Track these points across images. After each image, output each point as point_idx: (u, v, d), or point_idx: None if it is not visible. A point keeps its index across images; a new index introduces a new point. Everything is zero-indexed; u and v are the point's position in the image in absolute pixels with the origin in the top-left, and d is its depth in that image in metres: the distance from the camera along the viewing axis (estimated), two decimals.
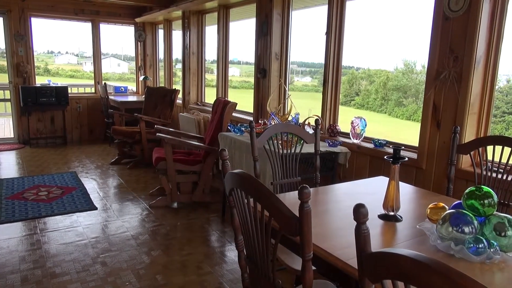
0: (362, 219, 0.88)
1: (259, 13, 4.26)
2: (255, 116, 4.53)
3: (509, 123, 5.78)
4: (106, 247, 3.12)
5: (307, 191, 1.07)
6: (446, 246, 1.37)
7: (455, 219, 1.37)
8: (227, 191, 1.40)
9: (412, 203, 1.99)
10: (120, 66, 15.31)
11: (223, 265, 2.91)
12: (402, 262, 0.77)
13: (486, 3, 2.37)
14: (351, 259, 1.29)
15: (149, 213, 3.85)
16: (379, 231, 1.60)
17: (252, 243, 1.37)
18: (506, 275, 1.26)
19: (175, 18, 6.48)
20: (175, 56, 6.97)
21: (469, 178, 2.45)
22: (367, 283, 0.90)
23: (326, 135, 3.59)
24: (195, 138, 4.63)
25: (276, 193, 2.35)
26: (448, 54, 2.54)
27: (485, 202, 1.39)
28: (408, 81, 7.66)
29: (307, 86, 9.11)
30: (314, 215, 1.70)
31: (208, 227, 3.59)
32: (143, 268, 2.82)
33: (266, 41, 4.21)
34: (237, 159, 3.49)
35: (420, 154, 2.78)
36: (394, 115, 7.89)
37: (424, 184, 2.74)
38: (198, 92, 6.08)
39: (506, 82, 5.99)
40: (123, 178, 5.02)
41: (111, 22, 7.30)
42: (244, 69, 11.38)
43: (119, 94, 7.56)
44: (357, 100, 8.44)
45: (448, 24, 2.53)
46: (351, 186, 2.25)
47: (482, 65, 2.46)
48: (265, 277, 1.36)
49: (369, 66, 8.35)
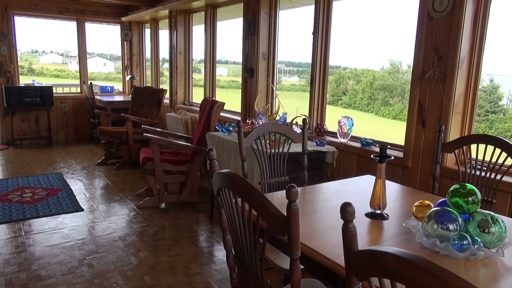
0: (349, 217, 0.89)
1: (246, 13, 4.26)
2: (243, 115, 4.53)
3: (493, 122, 5.89)
4: (93, 248, 3.08)
5: (294, 190, 1.08)
6: (431, 243, 1.39)
7: (440, 217, 1.39)
8: (215, 191, 1.40)
9: (398, 201, 2.02)
10: (106, 65, 15.13)
11: (212, 265, 2.90)
12: (388, 260, 0.77)
13: (469, 4, 2.41)
14: (339, 257, 1.30)
15: (137, 214, 3.82)
16: (366, 230, 1.62)
17: (240, 243, 1.37)
18: (490, 271, 1.28)
19: (162, 17, 6.44)
20: (162, 55, 6.93)
21: (454, 176, 2.49)
22: (354, 281, 0.91)
23: (314, 135, 3.61)
24: (183, 138, 4.60)
25: (264, 192, 2.36)
26: (432, 54, 2.58)
27: (469, 200, 1.42)
28: (394, 80, 7.74)
29: (295, 85, 9.14)
30: (302, 214, 1.71)
31: (197, 227, 3.58)
32: (131, 269, 2.80)
33: (254, 41, 4.21)
34: (225, 158, 3.48)
35: (406, 153, 2.81)
36: (381, 114, 7.97)
37: (410, 182, 2.77)
38: (186, 91, 6.05)
39: (490, 82, 6.10)
40: (110, 178, 4.97)
41: (96, 21, 7.21)
42: (232, 68, 11.36)
43: (105, 94, 7.48)
44: (344, 99, 8.50)
45: (432, 24, 2.57)
46: (339, 185, 2.27)
47: (465, 65, 2.51)
48: (253, 277, 1.36)
49: (356, 66, 8.42)
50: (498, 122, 5.92)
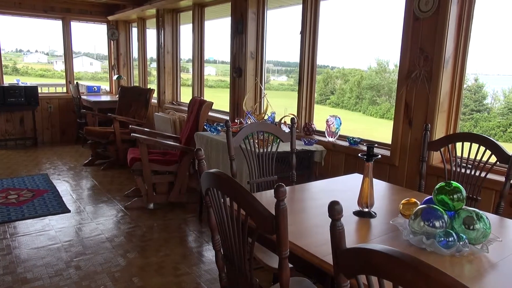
0: (336, 216, 0.90)
1: (234, 12, 4.26)
2: (231, 115, 4.53)
3: (477, 121, 6.00)
4: (80, 250, 3.05)
5: (282, 190, 1.08)
6: (418, 240, 1.41)
7: (426, 214, 1.41)
8: (203, 190, 1.39)
9: (385, 199, 2.04)
10: (93, 65, 14.95)
11: (201, 265, 2.89)
12: (376, 257, 0.78)
13: (454, 4, 2.45)
14: (327, 255, 1.31)
15: (125, 215, 3.79)
16: (354, 228, 1.63)
17: (229, 243, 1.37)
18: (475, 267, 1.31)
19: (149, 16, 6.38)
20: (150, 55, 6.88)
21: (440, 174, 2.53)
22: (342, 278, 0.91)
23: (302, 134, 3.62)
24: (171, 138, 4.58)
25: (253, 192, 2.36)
26: (418, 54, 2.61)
27: (454, 197, 1.44)
28: (381, 80, 7.82)
29: (283, 85, 9.17)
30: (291, 213, 1.72)
31: (185, 227, 3.56)
32: (119, 270, 2.77)
33: (242, 40, 4.21)
34: (213, 158, 3.47)
35: (393, 151, 2.84)
36: (368, 113, 8.04)
37: (397, 180, 2.80)
38: (174, 91, 6.01)
39: (474, 81, 6.20)
40: (97, 179, 4.91)
41: (82, 20, 7.12)
42: (220, 68, 11.33)
43: (92, 93, 7.39)
44: (332, 98, 8.56)
45: (418, 24, 2.60)
46: (327, 183, 2.28)
47: (451, 64, 2.54)
48: (242, 276, 1.36)
49: (343, 65, 8.48)
50: (482, 120, 6.02)
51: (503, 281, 1.22)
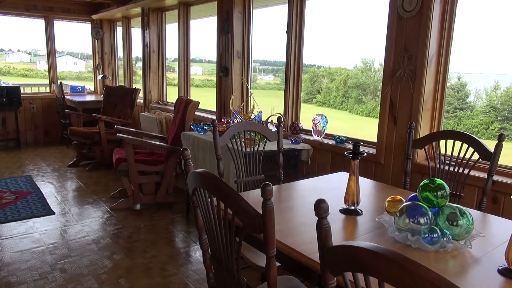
0: (323, 214, 0.90)
1: (220, 11, 4.24)
2: (218, 114, 4.51)
3: (461, 118, 6.10)
4: (65, 253, 3.00)
5: (269, 189, 1.08)
6: (403, 237, 1.43)
7: (411, 211, 1.43)
8: (190, 190, 1.39)
9: (371, 197, 2.06)
10: (77, 64, 14.72)
11: (188, 265, 2.88)
12: (361, 254, 0.79)
13: (437, 4, 2.48)
14: (314, 253, 1.31)
15: (111, 216, 3.74)
16: (340, 225, 1.64)
17: (216, 242, 1.36)
18: (459, 262, 1.33)
19: (134, 15, 6.32)
20: (135, 54, 6.81)
21: (424, 171, 2.56)
22: (329, 276, 0.92)
23: (289, 133, 3.63)
24: (157, 138, 4.54)
25: (240, 191, 2.36)
26: (403, 53, 2.64)
27: (438, 194, 1.46)
28: (367, 79, 7.90)
29: (270, 84, 9.18)
30: (278, 212, 1.72)
31: (173, 228, 3.54)
32: (105, 272, 2.74)
33: (228, 40, 4.20)
34: (200, 158, 3.46)
35: (378, 150, 2.87)
36: (355, 112, 8.12)
37: (383, 178, 2.84)
38: (160, 91, 5.97)
39: (457, 80, 6.30)
40: (82, 180, 4.85)
41: (66, 19, 7.01)
42: (207, 67, 11.28)
43: (76, 93, 7.28)
44: (318, 97, 8.61)
45: (402, 24, 2.63)
46: (314, 182, 2.30)
47: (434, 63, 2.58)
48: (230, 276, 1.36)
49: (329, 64, 8.53)
50: (466, 118, 6.13)
51: (486, 276, 1.24)
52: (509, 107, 5.71)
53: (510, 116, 5.71)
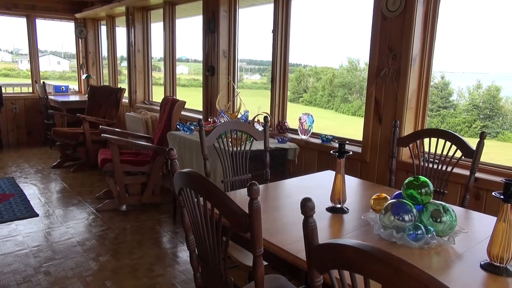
0: (309, 212, 0.91)
1: (206, 10, 4.23)
2: (204, 114, 4.50)
3: (444, 117, 6.20)
4: (50, 255, 2.95)
5: (255, 188, 1.08)
6: (388, 234, 1.45)
7: (396, 208, 1.45)
8: (176, 190, 1.38)
9: (357, 195, 2.08)
10: (61, 64, 14.47)
11: (176, 266, 2.86)
12: (347, 252, 0.80)
13: (420, 4, 2.52)
14: (301, 252, 1.32)
15: (96, 218, 3.70)
16: (327, 224, 1.65)
17: (203, 242, 1.36)
18: (442, 258, 1.35)
19: (118, 14, 6.24)
20: (120, 53, 6.73)
21: (409, 169, 2.60)
22: (315, 274, 0.93)
23: (276, 132, 3.64)
24: (143, 138, 4.50)
25: (227, 191, 2.35)
26: (387, 52, 2.67)
27: (422, 191, 1.48)
28: (353, 78, 7.96)
29: (257, 83, 9.18)
30: (265, 211, 1.73)
31: (159, 228, 3.52)
32: (91, 274, 2.71)
33: (214, 39, 4.19)
34: (187, 158, 3.44)
35: (364, 148, 2.90)
36: (341, 111, 8.17)
37: (369, 176, 2.87)
38: (145, 90, 5.91)
39: (441, 78, 6.40)
40: (67, 182, 4.77)
41: (48, 18, 6.89)
42: (193, 67, 11.22)
43: (59, 93, 7.17)
44: (305, 97, 8.64)
45: (386, 23, 2.66)
46: (301, 181, 2.31)
47: (418, 62, 2.62)
48: (217, 276, 1.36)
49: (315, 64, 8.57)
50: (449, 116, 6.23)
51: (469, 271, 1.27)
52: (491, 105, 5.83)
53: (492, 114, 5.82)
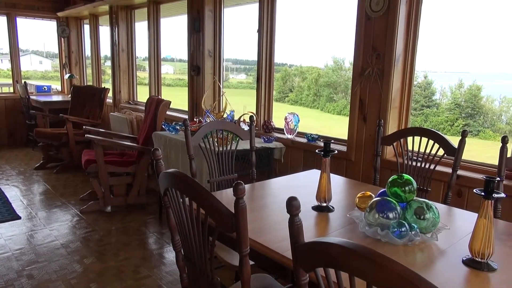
0: (294, 211, 0.91)
1: (191, 10, 4.21)
2: (190, 114, 4.47)
3: (427, 116, 6.30)
4: (33, 258, 2.90)
5: (241, 187, 1.08)
6: (373, 231, 1.46)
7: (380, 206, 1.47)
8: (162, 191, 1.37)
9: (343, 193, 2.10)
10: (43, 63, 14.20)
11: (162, 267, 2.84)
12: (332, 250, 0.81)
13: (403, 4, 2.55)
14: (287, 251, 1.32)
15: (80, 219, 3.64)
16: (313, 222, 1.66)
17: (189, 243, 1.35)
18: (426, 254, 1.38)
19: (102, 13, 6.16)
20: (104, 53, 6.64)
21: (393, 167, 2.63)
22: (301, 272, 0.93)
23: (261, 131, 3.65)
24: (128, 139, 4.46)
25: (213, 190, 2.35)
26: (371, 52, 2.70)
27: (406, 189, 1.50)
28: (338, 77, 8.02)
29: (242, 83, 9.16)
30: (251, 211, 1.73)
31: (145, 229, 3.49)
32: (75, 277, 2.67)
33: (199, 38, 4.17)
34: (172, 158, 3.42)
35: (349, 147, 2.93)
36: (326, 110, 8.23)
37: (354, 174, 2.89)
38: (130, 90, 5.85)
39: (424, 78, 6.50)
40: (50, 183, 4.69)
41: (29, 16, 6.75)
42: (178, 66, 11.14)
43: (41, 93, 7.04)
44: (291, 96, 8.67)
45: (370, 23, 2.69)
46: (287, 180, 2.31)
47: (401, 62, 2.65)
48: (203, 276, 1.35)
49: (301, 63, 8.61)
50: (432, 115, 6.34)
51: (451, 267, 1.29)
52: (472, 104, 5.95)
53: (473, 113, 5.94)
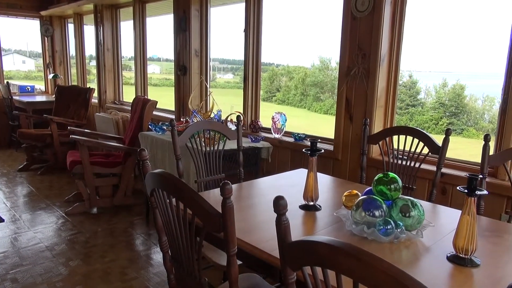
0: (281, 210, 0.91)
1: (177, 9, 4.18)
2: (176, 114, 4.45)
3: (413, 115, 6.39)
4: (17, 261, 2.85)
5: (228, 187, 1.08)
6: (360, 229, 1.48)
7: (367, 205, 1.48)
8: (148, 192, 1.36)
9: (330, 192, 2.11)
10: (26, 63, 13.94)
11: (149, 268, 2.82)
12: (318, 248, 0.81)
13: (387, 4, 2.58)
14: (275, 250, 1.32)
15: (66, 221, 3.59)
16: (300, 221, 1.67)
17: (176, 243, 1.35)
18: (411, 251, 1.40)
19: (86, 12, 6.08)
20: (89, 52, 6.56)
21: (379, 166, 2.66)
22: (288, 271, 0.93)
23: (249, 131, 3.65)
24: (114, 139, 4.41)
25: (201, 191, 2.34)
26: (357, 52, 2.73)
27: (391, 187, 1.52)
28: (325, 77, 8.07)
29: (230, 83, 9.14)
30: (239, 210, 1.73)
31: (132, 230, 3.45)
32: (61, 280, 2.63)
33: (185, 38, 4.15)
34: (159, 158, 3.40)
35: (336, 146, 2.95)
36: (313, 109, 8.27)
37: (341, 173, 2.92)
38: (115, 90, 5.79)
39: (409, 77, 6.59)
40: (34, 185, 4.61)
41: (11, 15, 6.62)
42: (165, 66, 11.07)
43: (25, 94, 6.91)
44: (278, 96, 8.69)
45: (356, 23, 2.72)
46: (274, 179, 2.32)
47: (386, 61, 2.68)
48: (191, 276, 1.35)
49: (288, 63, 8.63)
50: (417, 114, 6.43)
51: (436, 263, 1.31)
52: (456, 103, 6.05)
53: (457, 111, 6.04)
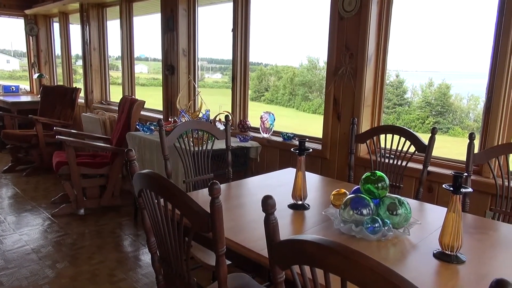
0: (270, 210, 0.92)
1: (164, 8, 4.15)
2: (164, 114, 4.42)
3: (400, 114, 6.46)
4: (2, 265, 2.80)
5: (216, 187, 1.08)
6: (348, 228, 1.49)
7: (354, 203, 1.50)
8: (136, 192, 1.35)
9: (318, 191, 2.12)
10: (10, 63, 13.70)
11: (138, 269, 2.80)
12: (307, 247, 0.81)
13: (374, 5, 2.60)
14: (264, 249, 1.33)
15: (52, 223, 3.54)
16: (289, 220, 1.68)
17: (165, 244, 1.34)
18: (399, 249, 1.41)
19: (72, 10, 6.00)
20: (75, 52, 6.48)
21: (367, 164, 2.69)
22: (277, 270, 0.94)
23: (237, 131, 3.65)
24: (101, 139, 4.36)
25: (189, 191, 2.33)
26: (344, 52, 2.74)
27: (379, 186, 1.54)
28: (313, 76, 8.11)
29: (218, 82, 9.13)
30: (227, 210, 1.73)
31: (120, 231, 3.42)
32: (48, 283, 2.59)
33: (173, 37, 4.12)
34: (147, 159, 3.37)
35: (324, 145, 2.96)
36: (301, 109, 8.31)
37: (329, 172, 2.93)
38: (102, 90, 5.72)
39: (395, 77, 6.66)
40: (19, 187, 4.54)
41: None
42: (153, 65, 11.00)
43: (9, 94, 6.79)
44: (267, 95, 8.71)
45: (343, 23, 2.73)
46: (263, 179, 2.32)
47: (373, 61, 2.71)
48: (180, 277, 1.34)
49: (276, 63, 8.65)
50: (404, 113, 6.50)
51: (423, 260, 1.33)
52: (442, 102, 6.13)
53: (443, 111, 6.13)
